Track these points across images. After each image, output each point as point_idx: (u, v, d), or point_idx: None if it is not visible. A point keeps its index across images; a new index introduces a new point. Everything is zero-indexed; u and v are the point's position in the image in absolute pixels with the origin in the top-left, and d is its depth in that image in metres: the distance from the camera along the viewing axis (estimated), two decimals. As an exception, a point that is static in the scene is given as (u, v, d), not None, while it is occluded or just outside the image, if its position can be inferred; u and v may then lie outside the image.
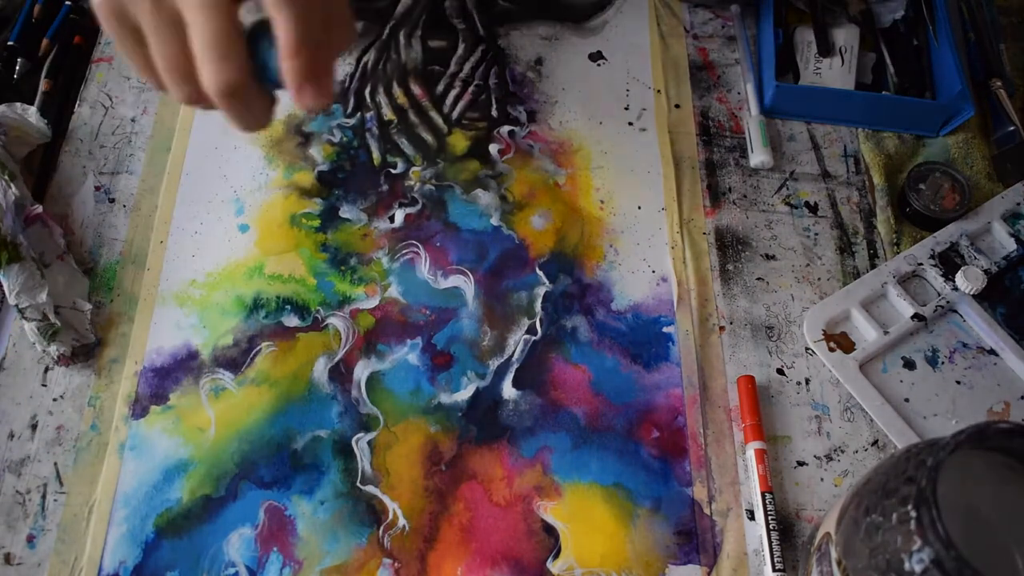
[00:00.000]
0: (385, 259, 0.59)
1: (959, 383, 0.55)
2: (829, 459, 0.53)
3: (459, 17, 0.70)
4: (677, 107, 0.66)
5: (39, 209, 0.58)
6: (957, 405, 0.54)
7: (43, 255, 0.57)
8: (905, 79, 0.65)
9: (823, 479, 0.52)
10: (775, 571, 0.48)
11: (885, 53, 0.66)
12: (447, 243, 0.60)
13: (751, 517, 0.51)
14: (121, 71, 0.67)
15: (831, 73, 0.65)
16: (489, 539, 0.50)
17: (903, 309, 0.57)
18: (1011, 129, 0.62)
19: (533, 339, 0.56)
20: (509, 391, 0.54)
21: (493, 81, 0.67)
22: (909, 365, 0.56)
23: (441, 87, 0.67)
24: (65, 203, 0.61)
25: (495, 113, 0.65)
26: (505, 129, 0.64)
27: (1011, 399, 0.54)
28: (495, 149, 0.64)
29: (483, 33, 0.69)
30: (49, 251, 0.57)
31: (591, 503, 0.51)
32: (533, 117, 0.65)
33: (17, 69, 0.66)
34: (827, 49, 0.66)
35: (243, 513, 0.51)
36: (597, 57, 0.68)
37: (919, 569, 0.34)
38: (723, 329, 0.57)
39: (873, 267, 0.59)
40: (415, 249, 0.60)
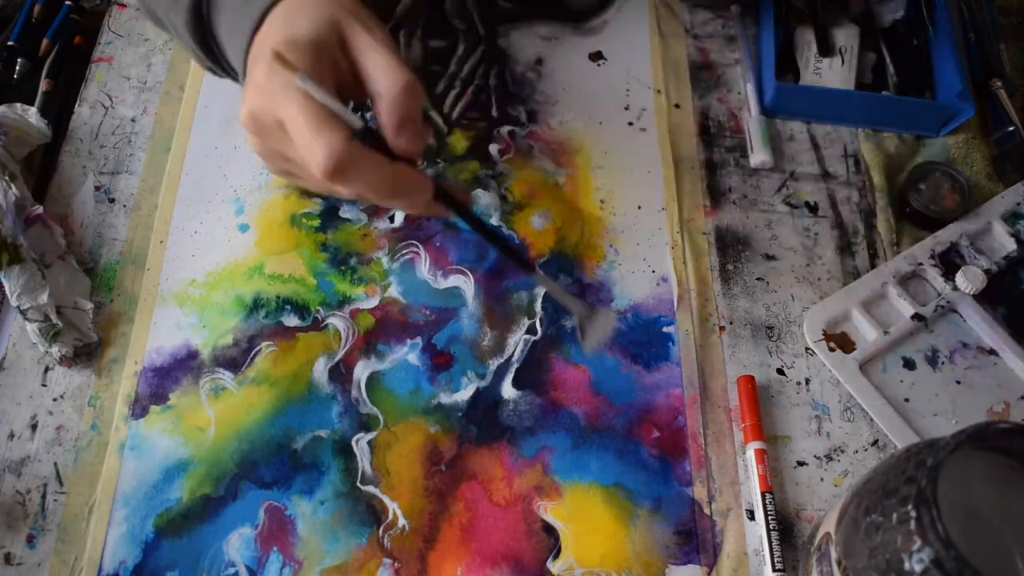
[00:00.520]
0: (385, 259, 0.59)
1: (959, 383, 0.55)
2: (829, 459, 0.53)
3: (459, 17, 0.70)
4: (677, 107, 0.66)
5: (39, 209, 0.58)
6: (957, 405, 0.54)
7: (44, 256, 0.57)
8: (905, 79, 0.65)
9: (823, 479, 0.52)
10: (775, 571, 0.48)
11: (885, 53, 0.66)
12: (447, 243, 0.60)
13: (751, 517, 0.51)
14: (121, 71, 0.67)
15: (831, 73, 0.65)
16: (489, 539, 0.50)
17: (903, 309, 0.57)
18: (1011, 129, 0.62)
19: (533, 339, 0.56)
20: (509, 391, 0.54)
21: (493, 81, 0.67)
22: (909, 365, 0.56)
23: (441, 87, 0.67)
24: (65, 203, 0.61)
25: (495, 113, 0.65)
26: (505, 129, 0.64)
27: (1011, 399, 0.54)
28: (495, 149, 0.64)
29: (483, 33, 0.69)
30: (50, 251, 0.57)
31: (591, 503, 0.51)
32: (533, 117, 0.65)
33: (17, 69, 0.66)
34: (827, 49, 0.65)
35: (243, 513, 0.51)
36: (597, 57, 0.68)
37: (919, 569, 0.34)
38: (723, 329, 0.57)
39: (873, 267, 0.59)
40: (415, 249, 0.60)
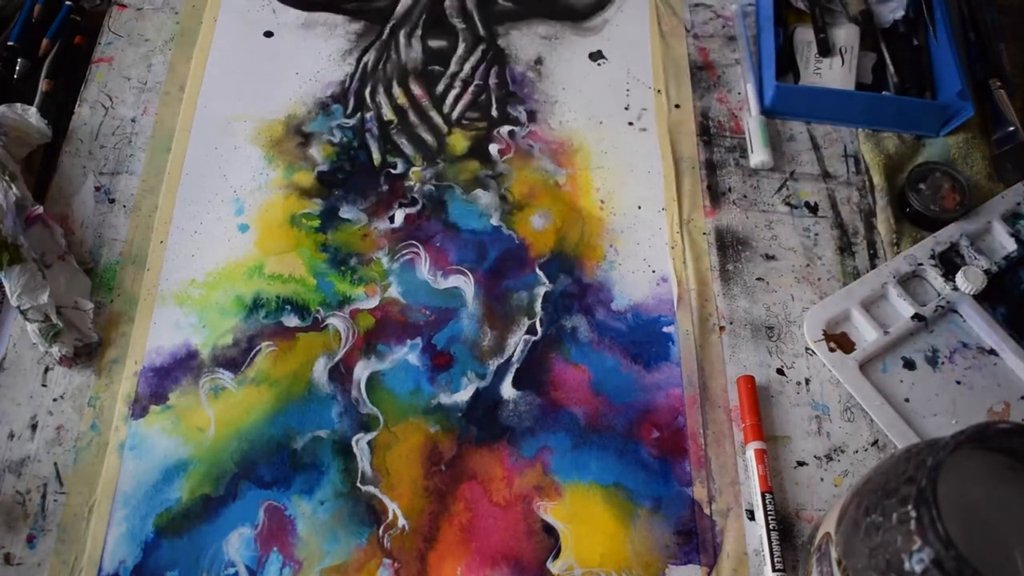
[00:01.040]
0: (385, 259, 0.59)
1: (959, 383, 0.55)
2: (829, 459, 0.53)
3: (459, 17, 0.70)
4: (677, 107, 0.66)
5: (40, 210, 0.58)
6: (957, 405, 0.54)
7: (44, 256, 0.57)
8: (905, 79, 0.65)
9: (823, 479, 0.52)
10: (775, 571, 0.48)
11: (885, 53, 0.66)
12: (447, 243, 0.60)
13: (751, 517, 0.51)
14: (121, 71, 0.67)
15: (831, 73, 0.65)
16: (489, 539, 0.50)
17: (903, 309, 0.57)
18: (1011, 129, 0.62)
19: (533, 339, 0.56)
20: (509, 391, 0.54)
21: (493, 81, 0.67)
22: (909, 365, 0.56)
23: (441, 87, 0.67)
24: (65, 203, 0.61)
25: (495, 113, 0.65)
26: (505, 129, 0.64)
27: (1011, 399, 0.54)
28: (495, 149, 0.64)
29: (483, 33, 0.69)
30: (50, 252, 0.57)
31: (591, 503, 0.51)
32: (533, 117, 0.65)
33: (17, 69, 0.66)
34: (827, 49, 0.65)
35: (243, 513, 0.51)
36: (597, 57, 0.68)
37: (919, 569, 0.34)
38: (723, 329, 0.57)
39: (873, 267, 0.59)
40: (415, 249, 0.60)
